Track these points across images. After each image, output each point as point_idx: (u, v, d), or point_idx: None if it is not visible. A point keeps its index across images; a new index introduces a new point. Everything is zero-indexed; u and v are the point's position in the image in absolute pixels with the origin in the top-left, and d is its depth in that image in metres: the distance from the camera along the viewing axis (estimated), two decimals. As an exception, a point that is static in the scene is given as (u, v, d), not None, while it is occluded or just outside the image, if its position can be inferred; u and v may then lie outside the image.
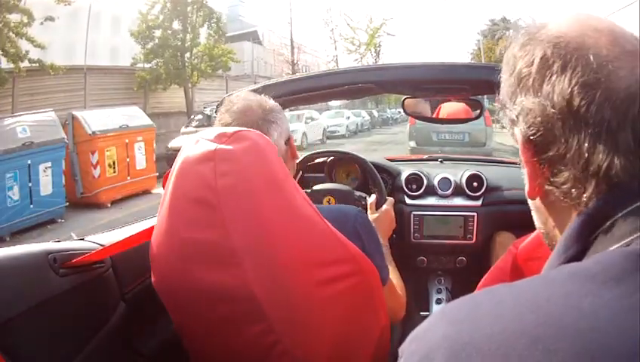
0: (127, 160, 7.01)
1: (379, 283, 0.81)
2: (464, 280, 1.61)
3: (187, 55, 12.76)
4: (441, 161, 1.96)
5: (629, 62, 0.38)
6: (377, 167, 1.58)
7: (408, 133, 8.64)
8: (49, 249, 0.79)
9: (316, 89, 1.22)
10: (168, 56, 12.29)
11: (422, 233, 1.60)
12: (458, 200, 1.60)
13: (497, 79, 0.47)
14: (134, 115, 7.44)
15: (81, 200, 6.51)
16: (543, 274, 0.38)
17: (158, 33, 12.43)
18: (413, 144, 8.34)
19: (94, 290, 0.87)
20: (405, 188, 1.62)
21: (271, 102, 0.90)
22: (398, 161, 1.90)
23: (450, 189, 1.60)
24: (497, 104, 0.47)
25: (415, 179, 1.62)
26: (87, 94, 10.97)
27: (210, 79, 13.86)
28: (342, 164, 1.65)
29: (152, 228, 0.84)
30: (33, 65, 8.70)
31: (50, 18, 9.03)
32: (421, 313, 1.67)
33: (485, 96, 2.35)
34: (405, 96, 1.39)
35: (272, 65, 22.61)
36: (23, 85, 9.38)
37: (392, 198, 1.36)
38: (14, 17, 8.39)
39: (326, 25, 23.93)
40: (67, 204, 6.04)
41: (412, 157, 2.93)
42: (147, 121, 7.64)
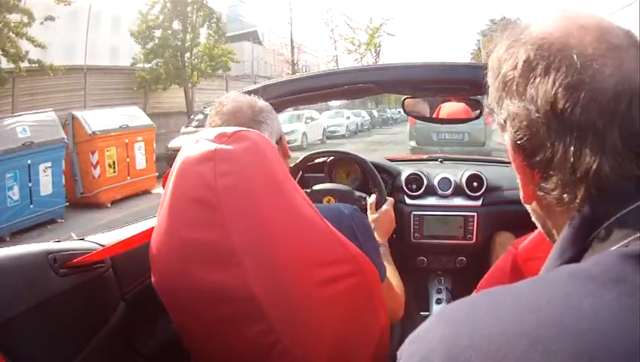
0: (127, 160, 7.01)
1: (379, 283, 0.81)
2: (464, 280, 1.61)
3: (187, 55, 12.76)
4: (441, 161, 1.96)
5: (616, 59, 0.37)
6: (377, 167, 1.58)
7: (409, 133, 8.74)
8: (49, 249, 0.79)
9: (316, 89, 1.22)
10: (168, 56, 12.29)
11: (422, 233, 1.60)
12: (458, 200, 1.60)
13: (485, 81, 0.46)
14: (134, 115, 7.44)
15: (81, 200, 6.51)
16: (542, 275, 0.38)
17: (158, 33, 12.42)
18: (413, 144, 8.43)
19: (94, 290, 0.87)
20: (405, 188, 1.62)
21: (261, 103, 0.90)
22: (398, 161, 1.90)
23: (450, 189, 1.60)
24: (486, 108, 0.47)
25: (415, 179, 1.62)
26: (87, 94, 10.97)
27: (210, 79, 13.86)
28: (342, 164, 1.65)
29: (152, 228, 0.84)
30: (33, 65, 8.70)
31: (50, 18, 9.02)
32: (421, 313, 1.67)
33: (485, 96, 2.36)
34: (405, 96, 1.39)
35: (272, 65, 22.61)
36: (23, 85, 9.38)
37: (392, 199, 1.36)
38: (14, 17, 8.39)
39: (326, 25, 23.95)
40: (67, 203, 6.05)
41: (412, 157, 2.93)
42: (147, 121, 7.64)
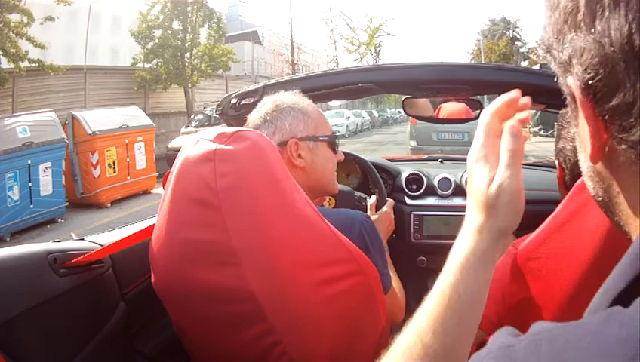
0: (127, 160, 7.01)
1: (379, 283, 0.80)
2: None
3: (187, 55, 12.75)
4: (441, 161, 1.96)
5: None
6: (377, 167, 1.58)
7: (409, 133, 8.82)
8: (49, 249, 0.80)
9: (316, 89, 1.22)
10: (168, 56, 12.28)
11: (422, 233, 1.60)
12: (458, 201, 1.60)
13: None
14: (134, 115, 7.44)
15: (81, 200, 6.52)
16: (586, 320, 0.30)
17: (158, 33, 12.42)
18: (414, 143, 8.52)
19: (94, 290, 0.87)
20: (405, 188, 1.62)
21: (285, 100, 0.91)
22: (398, 161, 1.90)
23: (450, 189, 1.60)
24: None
25: (415, 179, 1.62)
26: (87, 94, 10.97)
27: (210, 79, 13.86)
28: (342, 164, 1.65)
29: (150, 226, 0.83)
30: (33, 65, 8.70)
31: (50, 18, 9.03)
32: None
33: (485, 96, 2.35)
34: (405, 96, 1.39)
35: (272, 66, 22.60)
36: (23, 85, 9.38)
37: (391, 200, 1.36)
38: (14, 17, 8.39)
39: (326, 25, 23.97)
40: (67, 203, 6.05)
41: (412, 158, 2.94)
42: (147, 121, 7.64)
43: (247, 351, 0.72)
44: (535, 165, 1.93)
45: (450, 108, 1.49)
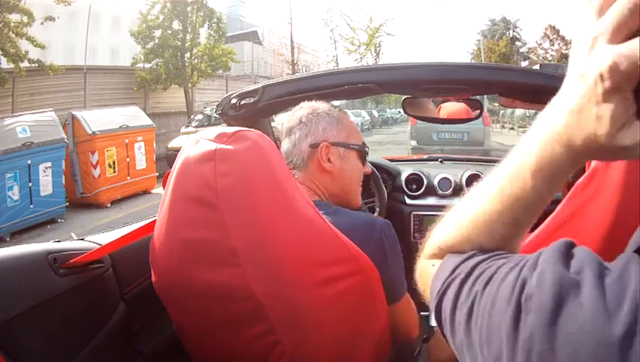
0: (127, 160, 7.01)
1: (379, 283, 0.80)
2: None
3: (187, 55, 12.75)
4: (441, 161, 1.96)
5: None
6: (377, 167, 1.57)
7: (409, 133, 8.94)
8: (49, 249, 0.79)
9: (316, 89, 1.22)
10: (168, 56, 12.27)
11: (422, 233, 1.60)
12: (458, 201, 1.60)
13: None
14: (134, 115, 7.44)
15: (81, 200, 6.52)
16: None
17: (158, 33, 12.41)
18: (414, 143, 8.63)
19: (94, 290, 0.87)
20: (405, 188, 1.62)
21: (322, 107, 0.95)
22: (398, 161, 1.90)
23: (450, 189, 1.60)
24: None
25: (415, 179, 1.62)
26: (87, 94, 10.96)
27: (210, 79, 13.85)
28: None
29: (148, 224, 0.83)
30: (33, 65, 8.70)
31: (50, 18, 9.02)
32: (421, 313, 1.66)
33: (485, 96, 2.35)
34: (405, 96, 1.39)
35: (272, 66, 22.60)
36: (23, 85, 9.38)
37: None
38: (14, 17, 8.39)
39: (326, 25, 23.96)
40: (67, 203, 6.05)
41: (412, 158, 2.93)
42: (147, 121, 7.64)
43: (248, 350, 0.72)
44: None
45: (450, 108, 1.49)
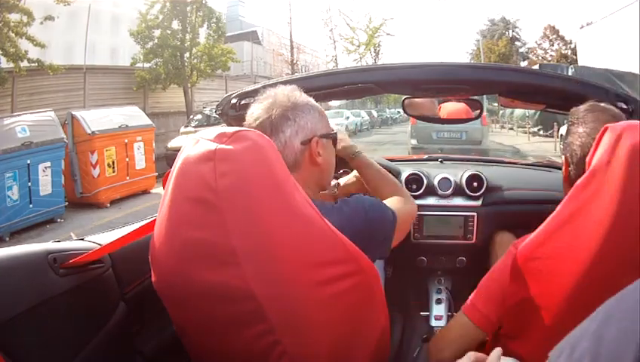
0: (127, 160, 7.00)
1: (379, 283, 0.81)
2: (464, 280, 1.61)
3: (187, 55, 12.74)
4: (441, 161, 1.96)
5: None
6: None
7: (409, 132, 9.13)
8: (49, 249, 0.80)
9: (316, 89, 1.22)
10: (168, 56, 12.26)
11: (422, 233, 1.60)
12: (458, 201, 1.60)
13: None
14: (134, 115, 7.43)
15: (80, 200, 6.51)
16: None
17: (157, 33, 12.40)
18: (414, 142, 8.80)
19: (94, 290, 0.87)
20: (405, 188, 1.62)
21: (300, 97, 0.88)
22: (398, 161, 1.90)
23: (450, 189, 1.60)
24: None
25: (415, 179, 1.62)
26: (86, 94, 10.95)
27: (209, 79, 13.84)
28: (342, 163, 1.64)
29: (148, 224, 0.83)
30: (32, 64, 8.69)
31: (50, 18, 9.02)
32: (421, 313, 1.67)
33: (485, 96, 2.35)
34: (405, 96, 1.39)
35: (271, 66, 22.59)
36: (22, 85, 9.37)
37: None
38: (14, 17, 8.38)
39: (325, 25, 23.98)
40: (66, 203, 6.04)
41: (412, 157, 2.93)
42: (146, 120, 7.63)
43: (248, 350, 0.72)
44: (535, 165, 1.93)
45: (450, 108, 1.50)
